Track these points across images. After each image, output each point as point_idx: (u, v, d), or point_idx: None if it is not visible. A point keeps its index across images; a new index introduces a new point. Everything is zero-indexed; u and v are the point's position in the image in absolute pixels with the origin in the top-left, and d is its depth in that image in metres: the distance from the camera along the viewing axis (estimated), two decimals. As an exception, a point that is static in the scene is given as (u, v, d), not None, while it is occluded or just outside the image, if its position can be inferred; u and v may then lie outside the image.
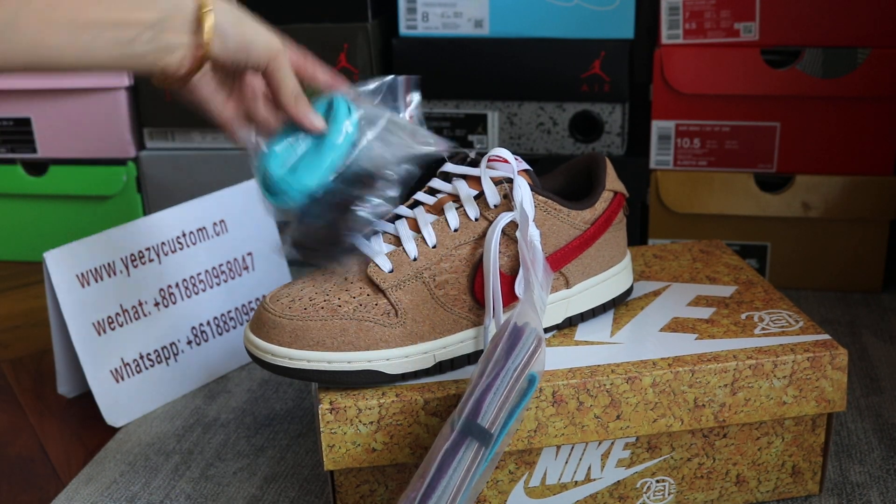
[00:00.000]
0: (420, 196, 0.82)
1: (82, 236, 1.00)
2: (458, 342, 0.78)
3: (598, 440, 0.78)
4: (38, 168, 1.38)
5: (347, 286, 0.77)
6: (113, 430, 1.00)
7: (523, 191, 0.78)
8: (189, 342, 1.05)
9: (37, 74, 0.70)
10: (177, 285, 1.05)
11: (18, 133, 1.35)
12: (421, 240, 0.78)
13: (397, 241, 0.79)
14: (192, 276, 1.06)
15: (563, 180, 0.89)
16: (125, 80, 1.31)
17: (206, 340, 1.07)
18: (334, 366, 0.75)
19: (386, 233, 0.80)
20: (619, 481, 0.81)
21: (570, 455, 0.79)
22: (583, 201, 0.83)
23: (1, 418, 1.03)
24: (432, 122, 1.29)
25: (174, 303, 1.05)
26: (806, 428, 0.82)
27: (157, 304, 1.03)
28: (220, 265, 1.09)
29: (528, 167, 0.81)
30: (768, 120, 1.20)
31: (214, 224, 1.08)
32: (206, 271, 1.08)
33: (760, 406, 0.79)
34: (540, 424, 0.76)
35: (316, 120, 0.78)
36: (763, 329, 0.83)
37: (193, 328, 1.06)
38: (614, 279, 0.86)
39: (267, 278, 1.13)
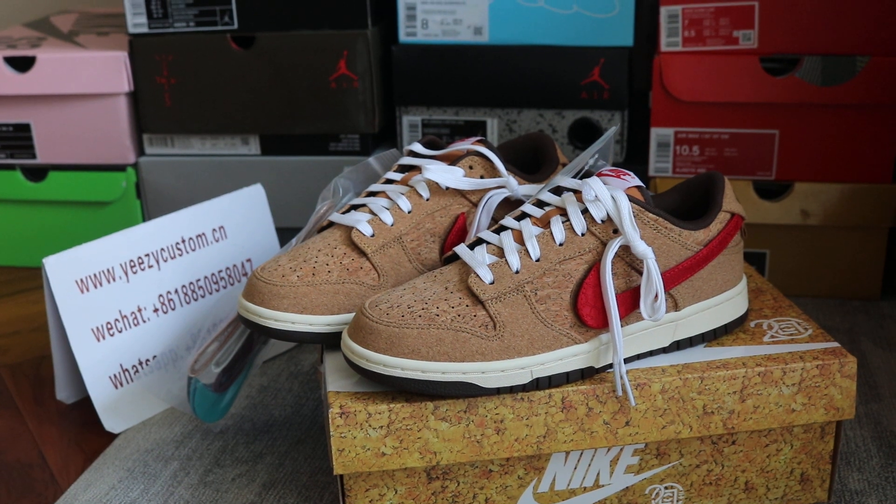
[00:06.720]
0: (527, 208, 0.80)
1: (82, 242, 1.00)
2: (556, 359, 0.75)
3: (607, 446, 0.78)
4: (37, 174, 1.37)
5: (447, 296, 0.75)
6: (112, 436, 0.99)
7: (624, 208, 0.75)
8: (188, 348, 1.05)
9: None
10: (176, 291, 1.04)
11: (18, 139, 1.35)
12: (524, 252, 0.76)
13: (500, 252, 0.77)
14: (191, 283, 1.06)
15: (679, 199, 0.86)
16: (125, 86, 1.30)
17: (205, 346, 1.07)
18: (428, 375, 0.73)
19: (490, 244, 0.78)
20: (627, 487, 0.81)
21: (578, 461, 0.79)
22: (697, 221, 0.80)
23: (-1, 424, 1.03)
24: (431, 129, 1.29)
25: (173, 309, 1.04)
26: (815, 435, 0.82)
27: (156, 311, 1.03)
28: (220, 271, 1.08)
29: (639, 183, 0.78)
30: (767, 127, 1.20)
31: (214, 230, 1.08)
32: (206, 277, 1.07)
33: (769, 413, 0.79)
34: (549, 430, 0.76)
35: None
36: (772, 337, 0.82)
37: (193, 335, 1.05)
38: (728, 304, 0.83)
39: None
